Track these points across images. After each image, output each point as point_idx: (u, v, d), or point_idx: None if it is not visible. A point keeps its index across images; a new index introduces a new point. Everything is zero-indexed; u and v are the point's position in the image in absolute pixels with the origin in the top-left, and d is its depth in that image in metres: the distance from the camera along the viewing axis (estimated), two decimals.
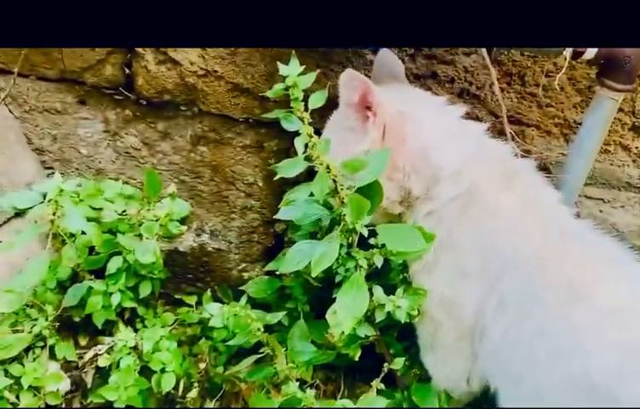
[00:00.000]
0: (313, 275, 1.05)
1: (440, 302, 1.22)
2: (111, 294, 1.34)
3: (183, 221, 1.50)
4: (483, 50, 1.11)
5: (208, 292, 1.54)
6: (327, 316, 1.18)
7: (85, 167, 1.61)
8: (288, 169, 1.09)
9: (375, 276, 1.25)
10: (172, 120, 1.54)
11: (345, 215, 1.08)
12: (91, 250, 1.40)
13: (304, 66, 1.05)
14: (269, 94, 1.05)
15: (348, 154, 1.18)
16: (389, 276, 1.31)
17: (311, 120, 1.02)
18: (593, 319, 1.05)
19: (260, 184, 1.60)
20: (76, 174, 1.61)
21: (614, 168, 1.46)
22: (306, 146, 1.02)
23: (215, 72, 1.44)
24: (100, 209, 1.31)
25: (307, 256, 1.13)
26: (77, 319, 1.47)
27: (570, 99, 1.37)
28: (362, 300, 1.10)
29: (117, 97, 1.52)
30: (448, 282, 1.20)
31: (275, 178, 1.15)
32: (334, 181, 1.07)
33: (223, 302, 1.68)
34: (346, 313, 1.09)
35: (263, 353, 1.28)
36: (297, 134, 1.03)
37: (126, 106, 1.54)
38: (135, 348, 1.36)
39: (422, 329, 1.30)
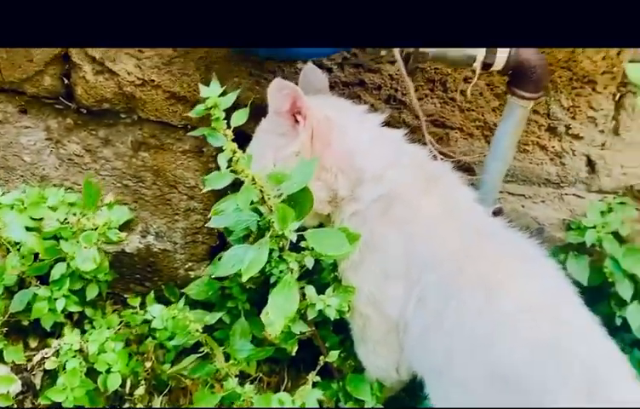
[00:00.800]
0: (243, 280, 1.12)
1: (367, 299, 1.30)
2: (55, 299, 1.39)
3: (124, 226, 1.56)
4: (400, 61, 1.19)
5: (152, 294, 1.60)
6: (261, 316, 1.25)
7: (29, 174, 1.64)
8: (216, 182, 1.15)
9: (310, 275, 1.34)
10: (112, 127, 1.59)
11: (273, 222, 1.15)
12: (37, 256, 1.45)
13: (224, 87, 1.10)
14: (191, 114, 1.11)
15: (279, 158, 1.26)
16: (321, 275, 1.39)
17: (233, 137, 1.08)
18: (505, 315, 1.15)
19: (202, 187, 1.65)
20: (20, 181, 1.65)
21: (533, 166, 1.56)
22: (230, 160, 1.09)
23: (152, 81, 1.49)
24: (41, 218, 1.35)
25: (240, 261, 1.20)
26: (25, 322, 1.52)
27: (489, 103, 1.46)
28: (292, 301, 1.17)
29: (57, 106, 1.56)
30: (373, 280, 1.29)
31: (203, 190, 1.21)
32: (261, 190, 1.14)
33: (170, 302, 1.75)
34: (278, 314, 1.17)
35: (203, 352, 1.34)
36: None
37: (67, 114, 1.57)
38: (81, 350, 1.41)
39: (353, 323, 1.39)
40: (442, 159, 1.33)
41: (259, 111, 1.35)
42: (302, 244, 1.22)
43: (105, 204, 1.39)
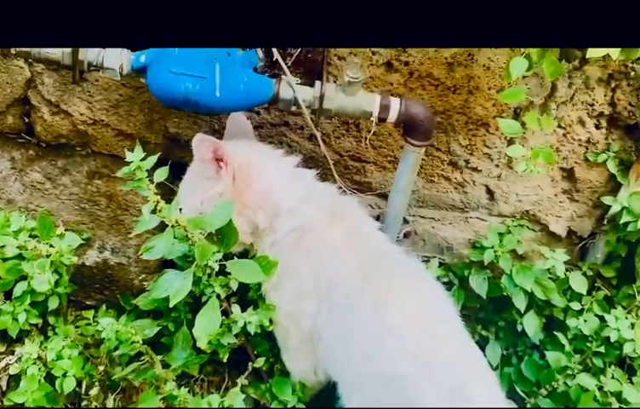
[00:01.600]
0: (171, 305, 1.34)
1: (286, 315, 1.53)
2: (17, 314, 1.60)
3: (82, 245, 1.77)
4: (308, 119, 1.40)
5: (103, 307, 1.81)
6: (193, 330, 1.47)
7: None
8: (142, 226, 1.36)
9: (239, 293, 1.56)
10: (69, 158, 1.79)
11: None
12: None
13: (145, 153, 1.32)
14: (119, 174, 1.32)
15: (206, 198, 1.48)
16: (248, 294, 1.61)
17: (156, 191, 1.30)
18: (393, 328, 1.38)
19: None
20: None
21: (439, 194, 1.78)
22: (154, 208, 1.29)
23: (102, 120, 1.69)
24: (4, 246, 1.56)
25: (172, 286, 1.42)
26: None
27: (398, 142, 1.67)
28: (214, 320, 1.39)
29: (20, 140, 1.76)
30: (289, 299, 1.52)
31: (130, 235, 1.42)
32: (185, 229, 1.35)
33: (125, 310, 1.96)
34: (202, 332, 1.39)
35: (143, 360, 1.56)
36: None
37: (29, 147, 1.78)
38: (40, 358, 1.63)
39: (277, 334, 1.61)
40: (351, 193, 1.54)
41: None
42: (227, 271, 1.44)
43: (57, 235, 1.60)
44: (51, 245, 1.56)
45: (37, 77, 1.62)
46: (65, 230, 1.77)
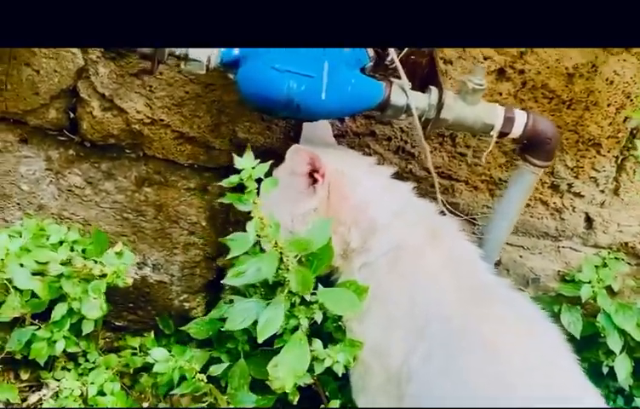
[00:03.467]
0: (260, 340, 1.12)
1: (370, 349, 1.32)
2: (55, 341, 1.36)
3: None
4: (418, 127, 1.20)
5: (152, 334, 1.58)
6: (268, 368, 1.25)
7: (27, 203, 1.60)
8: (239, 246, 1.14)
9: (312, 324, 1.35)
10: (116, 161, 1.56)
11: (289, 281, 1.15)
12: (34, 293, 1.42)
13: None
14: (224, 183, 1.10)
15: (297, 213, 1.29)
16: (324, 324, 1.39)
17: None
18: (508, 376, 1.18)
19: (204, 224, 1.64)
20: (16, 209, 1.61)
21: (533, 220, 1.60)
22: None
23: (162, 120, 1.47)
24: (47, 262, 1.32)
25: (252, 316, 1.21)
26: (18, 356, 1.48)
27: (496, 159, 1.49)
28: (303, 359, 1.18)
29: (60, 138, 1.52)
30: (378, 331, 1.31)
31: (227, 259, 1.21)
32: (281, 252, 1.14)
33: (163, 334, 1.74)
34: (288, 372, 1.17)
35: (206, 402, 1.34)
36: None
37: (69, 146, 1.54)
38: (81, 393, 1.39)
39: (354, 372, 1.40)
40: (449, 214, 1.35)
41: (268, 155, 1.36)
42: (312, 299, 1.23)
43: (115, 253, 1.37)
44: (100, 263, 1.33)
45: (90, 65, 1.40)
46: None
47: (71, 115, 1.48)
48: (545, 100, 1.41)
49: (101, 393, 1.41)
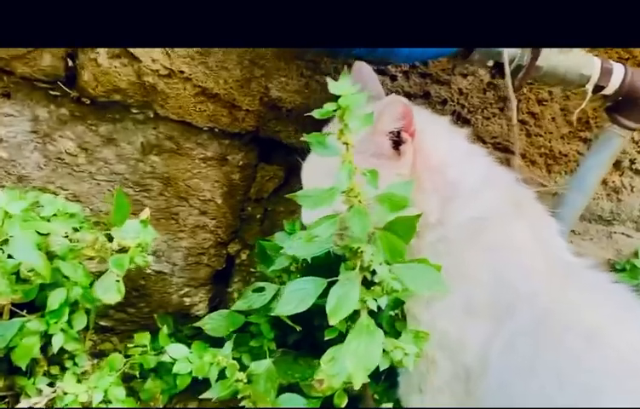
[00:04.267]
0: (332, 323, 0.90)
1: (439, 340, 1.13)
2: (51, 335, 1.10)
3: None
4: (508, 72, 1.03)
5: (164, 329, 1.32)
6: (322, 362, 1.03)
7: (3, 173, 1.32)
8: (315, 202, 0.91)
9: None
10: (118, 124, 1.31)
11: (363, 252, 0.94)
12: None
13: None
14: (317, 114, 0.87)
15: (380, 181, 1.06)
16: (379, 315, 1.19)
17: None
18: (609, 365, 1.01)
19: (219, 201, 1.41)
20: None
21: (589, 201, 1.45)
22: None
23: (182, 72, 1.23)
24: (47, 234, 1.05)
25: (310, 297, 0.98)
26: None
27: (560, 129, 1.33)
28: (375, 348, 0.96)
29: (52, 93, 1.26)
30: (450, 318, 1.11)
31: (302, 220, 0.99)
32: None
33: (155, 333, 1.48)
34: (358, 365, 0.95)
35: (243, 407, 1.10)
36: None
37: (62, 103, 1.28)
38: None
39: (409, 369, 1.19)
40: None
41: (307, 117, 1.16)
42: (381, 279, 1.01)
43: (140, 221, 1.11)
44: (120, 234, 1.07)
45: None
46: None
47: (70, 63, 1.22)
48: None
49: (106, 400, 1.14)
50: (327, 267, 1.15)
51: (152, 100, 1.27)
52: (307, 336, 1.41)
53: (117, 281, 1.03)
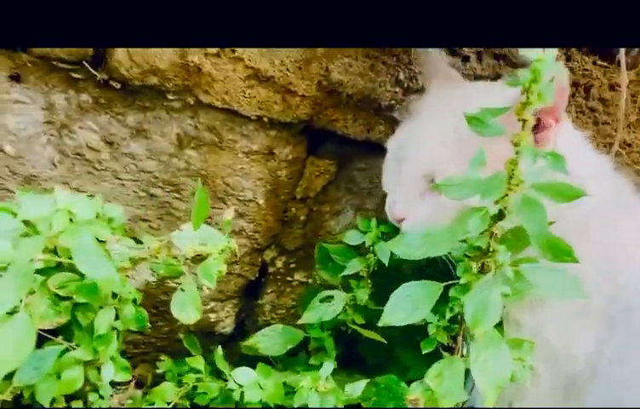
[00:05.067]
0: (477, 334, 0.77)
1: (542, 349, 1.01)
2: (99, 366, 0.90)
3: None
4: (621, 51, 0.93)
5: (219, 350, 1.14)
6: (427, 378, 0.90)
7: (8, 173, 1.10)
8: (467, 191, 0.77)
9: None
10: (150, 112, 1.12)
11: (495, 251, 0.81)
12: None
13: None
14: (507, 82, 0.72)
15: None
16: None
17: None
18: None
19: (260, 201, 1.24)
20: None
21: None
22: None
23: (233, 51, 1.07)
24: (104, 241, 0.86)
25: (425, 304, 0.85)
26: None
27: (628, 117, 1.26)
28: (504, 362, 0.84)
29: (73, 75, 1.06)
30: (558, 322, 1.01)
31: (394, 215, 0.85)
32: None
33: (187, 355, 1.31)
34: (488, 382, 0.82)
35: None
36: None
37: (84, 88, 1.08)
38: None
39: None
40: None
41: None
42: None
43: (225, 222, 0.93)
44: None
45: None
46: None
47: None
48: None
49: None
50: (415, 270, 1.02)
51: (195, 84, 1.09)
52: (348, 351, 1.28)
53: (195, 297, 0.84)
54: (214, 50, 1.05)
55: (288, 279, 1.38)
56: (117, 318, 0.96)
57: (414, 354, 1.12)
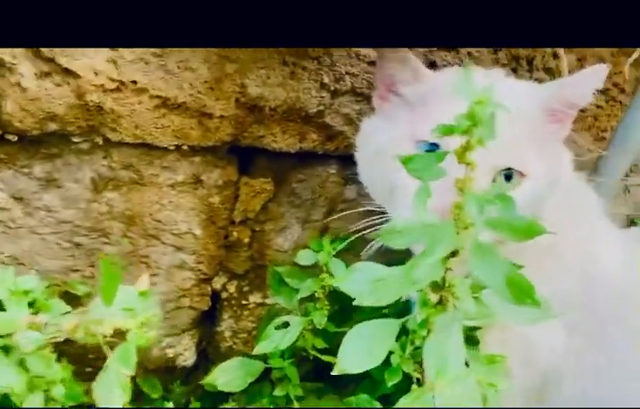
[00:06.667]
0: (439, 394, 0.68)
1: (515, 350, 0.94)
2: None
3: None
4: None
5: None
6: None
7: None
8: (412, 238, 0.65)
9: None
10: (58, 159, 1.03)
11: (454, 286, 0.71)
12: None
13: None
14: (437, 133, 0.59)
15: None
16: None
17: None
18: None
19: (197, 232, 1.16)
20: None
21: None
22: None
23: (134, 83, 0.97)
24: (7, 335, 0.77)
25: (383, 346, 0.75)
26: None
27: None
28: (472, 394, 0.75)
29: None
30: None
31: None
32: None
33: (147, 399, 1.25)
34: None
35: None
36: None
37: None
38: None
39: None
40: None
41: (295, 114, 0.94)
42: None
43: (139, 293, 0.84)
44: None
45: None
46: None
47: None
48: None
49: None
50: None
51: (100, 123, 0.99)
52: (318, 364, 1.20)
53: (119, 376, 0.76)
54: (112, 85, 0.95)
55: (244, 302, 1.30)
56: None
57: (384, 369, 1.05)
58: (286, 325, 1.06)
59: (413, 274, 0.63)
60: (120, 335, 0.80)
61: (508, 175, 0.86)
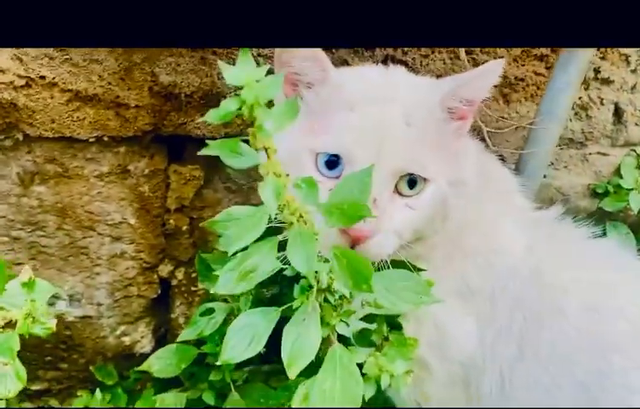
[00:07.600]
0: (292, 377, 0.68)
1: (429, 339, 0.93)
2: None
3: None
4: None
5: (97, 393, 1.09)
6: (294, 403, 0.81)
7: None
8: (238, 233, 0.66)
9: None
10: None
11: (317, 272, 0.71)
12: None
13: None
14: (212, 119, 0.60)
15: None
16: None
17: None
18: (619, 335, 0.87)
19: (132, 221, 1.18)
20: None
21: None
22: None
23: (43, 78, 0.99)
24: None
25: (262, 335, 0.75)
26: None
27: (510, 51, 1.13)
28: (354, 386, 0.73)
29: None
30: (441, 311, 0.91)
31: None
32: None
33: (104, 386, 1.27)
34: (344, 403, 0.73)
35: None
36: None
37: None
38: None
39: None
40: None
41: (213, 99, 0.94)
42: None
43: (23, 284, 0.86)
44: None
45: None
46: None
47: None
48: None
49: None
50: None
51: (17, 119, 1.03)
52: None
53: (12, 367, 0.78)
54: (21, 81, 0.98)
55: (193, 289, 1.32)
56: None
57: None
58: (211, 311, 1.06)
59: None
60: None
61: (412, 181, 0.83)
